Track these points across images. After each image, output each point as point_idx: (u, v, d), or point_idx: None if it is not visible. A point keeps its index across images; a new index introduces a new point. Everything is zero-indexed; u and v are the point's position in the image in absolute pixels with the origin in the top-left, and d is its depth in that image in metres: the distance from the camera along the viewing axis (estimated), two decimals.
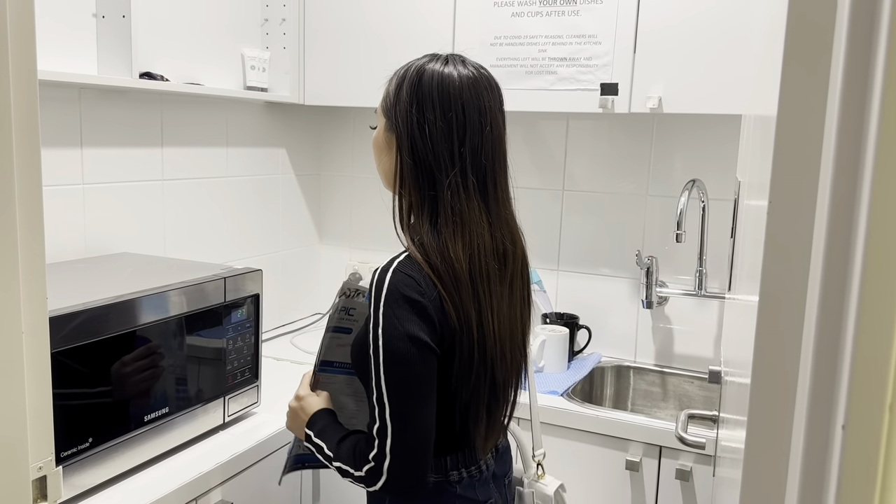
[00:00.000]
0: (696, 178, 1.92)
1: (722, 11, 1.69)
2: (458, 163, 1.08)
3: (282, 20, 2.12)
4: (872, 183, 0.45)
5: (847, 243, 0.47)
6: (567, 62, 1.85)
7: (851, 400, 0.46)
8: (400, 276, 1.04)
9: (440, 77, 1.09)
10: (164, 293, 1.34)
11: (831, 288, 0.48)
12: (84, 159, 1.62)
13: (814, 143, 0.53)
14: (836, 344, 0.48)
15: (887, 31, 0.43)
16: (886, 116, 0.44)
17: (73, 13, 1.56)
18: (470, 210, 1.08)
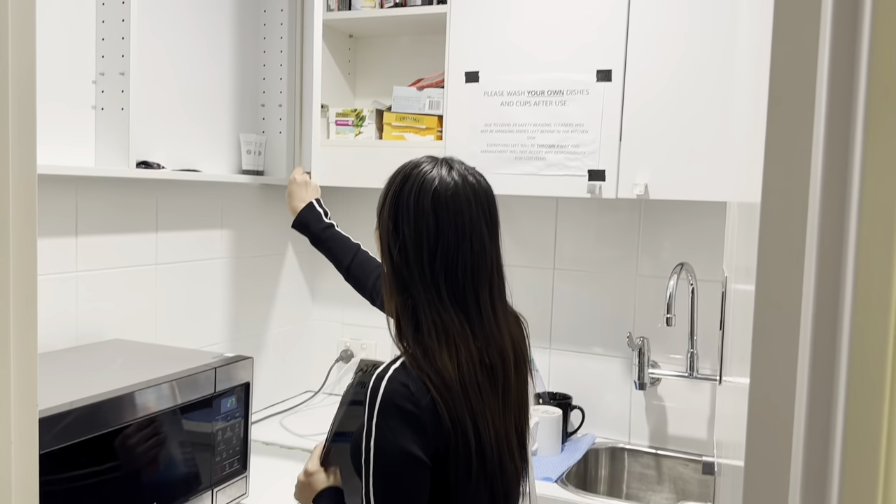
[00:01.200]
0: (685, 260, 1.94)
1: (705, 101, 1.74)
2: (429, 276, 1.07)
3: (278, 105, 2.17)
4: (855, 268, 0.46)
5: (833, 327, 0.48)
6: (556, 149, 1.89)
7: (844, 486, 0.47)
8: (395, 384, 1.03)
9: (419, 188, 1.09)
10: (153, 387, 1.34)
11: (819, 372, 0.48)
12: (79, 247, 1.64)
13: (798, 228, 0.54)
14: (827, 428, 0.48)
15: (863, 123, 0.45)
16: (866, 205, 0.45)
17: (72, 105, 1.61)
18: (449, 321, 1.07)
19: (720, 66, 1.72)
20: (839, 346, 0.49)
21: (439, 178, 1.10)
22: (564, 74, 1.86)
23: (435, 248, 1.07)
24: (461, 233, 1.08)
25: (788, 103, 0.55)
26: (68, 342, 1.63)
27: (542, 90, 1.89)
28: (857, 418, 0.48)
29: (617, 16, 1.80)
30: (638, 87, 1.80)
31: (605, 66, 1.82)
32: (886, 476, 0.47)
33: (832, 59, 0.48)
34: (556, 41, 1.87)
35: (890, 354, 0.48)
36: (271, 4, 2.15)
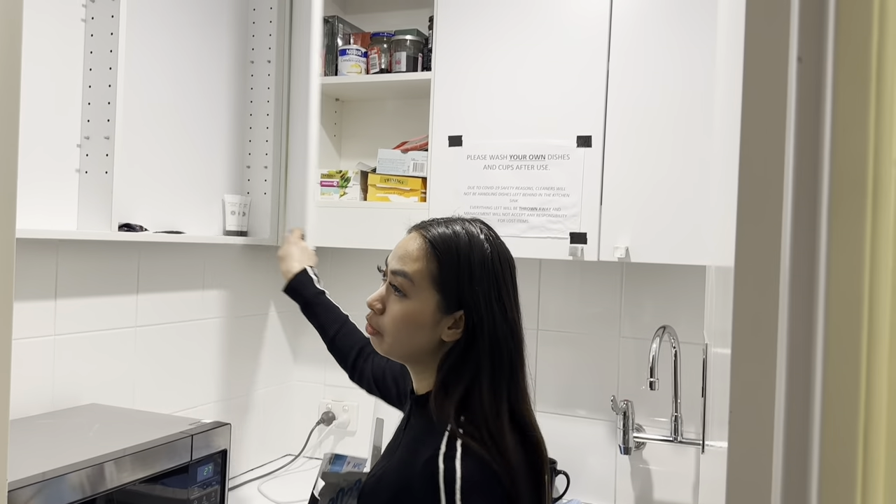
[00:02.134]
0: (667, 323, 1.95)
1: (684, 166, 1.77)
2: (512, 350, 1.04)
3: (264, 167, 2.19)
4: (825, 331, 0.47)
5: (807, 389, 0.48)
6: (538, 212, 1.91)
7: None
8: (470, 464, 0.94)
9: (502, 250, 1.07)
10: (128, 456, 1.31)
11: (794, 438, 0.49)
12: (57, 310, 1.62)
13: (771, 291, 0.55)
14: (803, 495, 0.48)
15: (828, 189, 0.46)
16: (834, 269, 0.46)
17: (56, 169, 1.61)
18: (505, 404, 1.03)
19: (698, 131, 1.76)
20: (812, 411, 0.49)
21: (501, 245, 1.10)
22: (546, 139, 1.90)
23: (516, 321, 1.05)
24: (518, 307, 1.07)
25: (759, 173, 0.56)
26: (43, 407, 1.60)
27: (524, 154, 1.92)
28: (832, 483, 0.48)
29: (596, 83, 1.85)
30: (618, 152, 1.84)
31: (585, 132, 1.86)
32: None
33: (797, 138, 0.50)
34: (537, 107, 1.92)
35: (862, 419, 0.48)
36: (258, 68, 2.18)
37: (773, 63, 0.52)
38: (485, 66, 1.97)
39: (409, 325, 1.04)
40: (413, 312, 1.04)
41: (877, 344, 0.46)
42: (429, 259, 1.03)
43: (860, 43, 0.47)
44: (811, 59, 0.49)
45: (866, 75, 0.47)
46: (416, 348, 1.06)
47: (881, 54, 0.46)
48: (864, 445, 0.48)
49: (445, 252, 1.03)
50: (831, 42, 0.48)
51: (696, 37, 1.76)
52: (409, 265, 1.04)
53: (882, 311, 0.46)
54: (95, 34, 1.64)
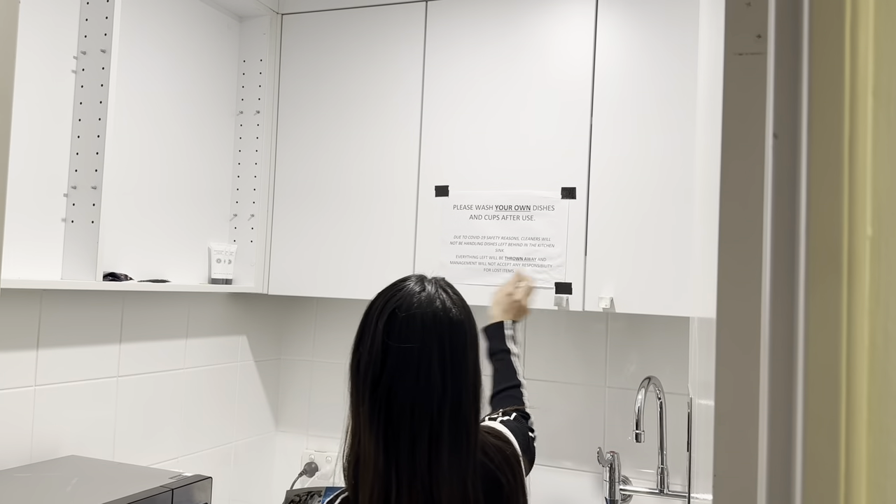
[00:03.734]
0: (652, 374, 1.95)
1: (668, 217, 1.80)
2: (368, 405, 1.01)
3: (251, 216, 2.20)
4: (805, 398, 0.48)
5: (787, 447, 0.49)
6: (523, 261, 1.93)
7: None
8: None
9: (382, 307, 1.06)
10: None
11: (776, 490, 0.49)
12: (39, 360, 1.60)
13: (752, 343, 0.56)
14: None
15: (805, 262, 0.48)
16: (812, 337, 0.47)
17: (42, 218, 1.61)
18: (377, 459, 1.01)
19: (682, 183, 1.79)
20: (794, 471, 0.50)
21: (405, 297, 1.05)
22: (531, 191, 1.93)
23: (379, 376, 1.01)
24: (408, 363, 1.01)
25: (738, 246, 0.58)
26: (21, 459, 1.56)
27: (509, 205, 1.95)
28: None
29: (580, 137, 1.89)
30: (602, 204, 1.86)
31: (569, 184, 1.89)
32: None
33: (774, 214, 0.51)
34: (522, 159, 1.95)
35: (842, 480, 0.49)
36: (247, 118, 2.21)
37: (750, 138, 0.54)
38: (473, 118, 2.00)
39: None
40: None
41: (855, 409, 0.47)
42: None
43: (832, 120, 0.49)
44: (786, 135, 0.51)
45: (839, 152, 0.49)
46: None
47: (853, 132, 0.48)
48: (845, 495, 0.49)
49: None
50: (805, 119, 0.50)
51: (678, 94, 1.80)
52: None
53: (860, 377, 0.48)
54: (85, 85, 1.66)
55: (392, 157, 2.09)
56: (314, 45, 2.21)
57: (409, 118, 2.08)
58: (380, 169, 2.11)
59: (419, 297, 1.05)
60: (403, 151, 2.08)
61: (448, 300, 1.07)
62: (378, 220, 2.10)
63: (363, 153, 2.13)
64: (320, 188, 2.17)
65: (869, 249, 0.44)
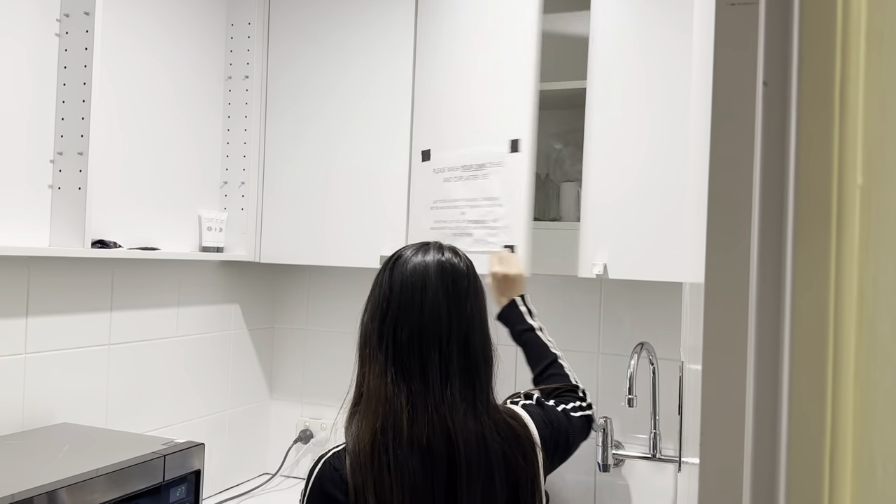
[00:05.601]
0: (645, 340, 1.95)
1: (664, 183, 1.78)
2: (376, 337, 1.11)
3: (241, 183, 2.18)
4: (791, 350, 0.48)
5: (774, 406, 0.49)
6: (479, 224, 1.83)
7: None
8: (326, 469, 1.04)
9: (389, 266, 1.16)
10: (99, 477, 1.28)
11: (762, 455, 0.49)
12: (28, 328, 1.59)
13: (740, 307, 0.56)
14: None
15: (793, 212, 0.47)
16: (800, 289, 0.47)
17: (28, 185, 1.59)
18: (383, 386, 1.06)
19: (678, 146, 1.77)
20: (780, 428, 0.50)
21: (409, 252, 1.17)
22: (485, 147, 1.83)
23: (387, 309, 1.10)
24: (412, 295, 1.10)
25: (727, 194, 0.57)
26: (13, 427, 1.56)
27: (470, 164, 1.86)
28: (799, 497, 0.49)
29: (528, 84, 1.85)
30: (597, 167, 1.84)
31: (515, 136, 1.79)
32: None
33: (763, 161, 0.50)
34: (483, 112, 1.85)
35: (828, 434, 0.49)
36: (236, 83, 2.18)
37: (740, 87, 0.53)
38: (452, 72, 1.94)
39: None
40: None
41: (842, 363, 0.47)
42: None
43: (824, 67, 0.48)
44: (776, 84, 0.49)
45: (830, 100, 0.47)
46: None
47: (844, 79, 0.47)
48: (830, 459, 0.49)
49: None
50: (795, 67, 0.48)
51: (675, 41, 1.77)
52: None
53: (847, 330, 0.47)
54: (70, 49, 1.63)
55: (383, 120, 2.06)
56: (303, 6, 2.17)
57: (401, 80, 2.05)
58: (371, 133, 2.08)
59: (422, 250, 1.16)
60: (394, 115, 2.05)
61: (449, 252, 1.17)
62: (370, 187, 2.08)
63: (355, 118, 2.10)
64: (312, 154, 2.15)
65: (859, 198, 0.43)
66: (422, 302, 1.10)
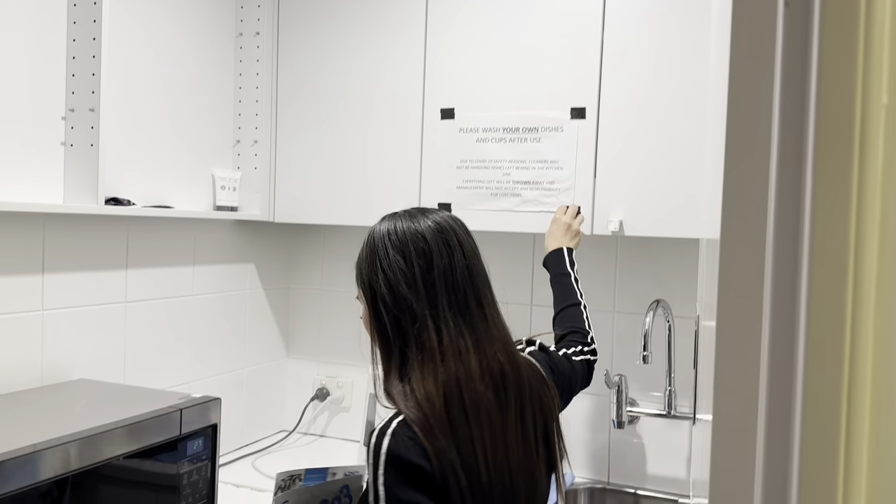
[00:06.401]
0: (661, 297, 1.93)
1: (679, 140, 1.75)
2: (424, 292, 1.05)
3: (254, 141, 2.16)
4: (808, 306, 0.46)
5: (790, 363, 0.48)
6: (531, 185, 1.89)
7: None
8: (399, 439, 0.96)
9: (394, 228, 1.11)
10: (116, 429, 1.30)
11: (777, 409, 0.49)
12: (45, 285, 1.60)
13: (755, 265, 0.54)
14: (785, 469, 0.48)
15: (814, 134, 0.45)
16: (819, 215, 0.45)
17: (41, 142, 1.59)
18: (442, 339, 1.03)
19: (695, 101, 1.73)
20: (795, 378, 0.49)
21: (405, 216, 1.14)
22: (539, 112, 1.87)
23: (429, 263, 1.06)
24: (450, 241, 1.10)
25: (745, 141, 0.55)
26: (33, 382, 1.58)
27: (516, 127, 1.90)
28: (813, 456, 0.48)
29: (590, 53, 1.82)
30: (612, 124, 1.81)
31: (579, 104, 1.83)
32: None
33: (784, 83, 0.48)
34: (530, 79, 1.89)
35: (845, 383, 0.47)
36: (247, 40, 2.15)
37: (761, 9, 0.50)
38: (478, 35, 1.94)
39: (366, 326, 1.15)
40: (364, 315, 1.15)
41: (862, 290, 0.45)
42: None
43: None
44: (798, 3, 0.47)
45: (854, 19, 0.45)
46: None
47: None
48: (847, 411, 0.48)
49: (359, 254, 1.14)
50: None
51: (696, 7, 1.73)
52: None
53: (869, 255, 0.45)
54: (79, 4, 1.61)
55: (396, 78, 2.04)
56: None
57: (412, 36, 2.01)
58: (384, 91, 2.05)
59: (414, 216, 1.14)
60: (407, 72, 2.02)
61: (434, 212, 1.16)
62: (383, 145, 2.06)
63: (367, 75, 2.08)
64: (324, 113, 2.13)
65: (884, 118, 0.41)
66: (461, 247, 1.11)
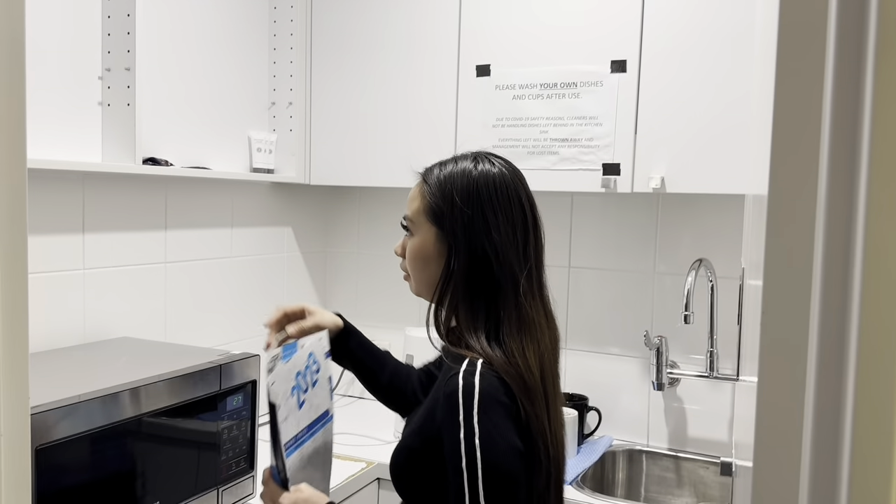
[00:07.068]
0: (704, 256, 1.88)
1: (724, 92, 1.69)
2: (523, 265, 1.05)
3: (289, 103, 2.15)
4: (864, 260, 0.44)
5: (842, 325, 0.46)
6: (569, 143, 1.85)
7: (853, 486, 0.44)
8: (490, 379, 0.96)
9: (491, 177, 1.06)
10: (156, 384, 1.31)
11: (827, 370, 0.46)
12: (86, 244, 1.62)
13: (805, 221, 0.52)
14: (836, 427, 0.46)
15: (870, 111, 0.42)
16: (873, 197, 0.42)
17: (79, 101, 1.60)
18: (535, 313, 1.04)
19: (740, 53, 1.67)
20: (847, 343, 0.46)
21: (496, 167, 1.08)
22: (577, 66, 1.82)
23: (527, 236, 1.06)
24: (534, 211, 1.10)
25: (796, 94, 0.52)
26: (76, 340, 1.61)
27: (554, 83, 1.85)
28: (866, 418, 0.45)
29: (631, 2, 1.76)
30: (654, 78, 1.76)
31: (619, 57, 1.78)
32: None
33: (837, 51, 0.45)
34: (568, 32, 1.84)
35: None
36: (281, 2, 2.13)
37: None
38: None
39: (418, 259, 1.10)
40: (417, 246, 1.10)
41: None
42: (423, 197, 1.10)
43: None
44: None
45: None
46: (432, 282, 1.09)
47: None
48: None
49: (435, 186, 1.08)
50: None
51: None
52: (410, 206, 1.12)
53: None
54: None
55: (431, 35, 2.00)
56: None
57: None
58: (419, 50, 2.02)
59: (496, 166, 1.09)
60: (443, 28, 1.98)
61: (500, 158, 1.12)
62: (418, 105, 2.03)
63: (401, 35, 2.04)
64: (358, 74, 2.10)
65: None
66: (536, 214, 1.10)
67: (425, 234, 1.09)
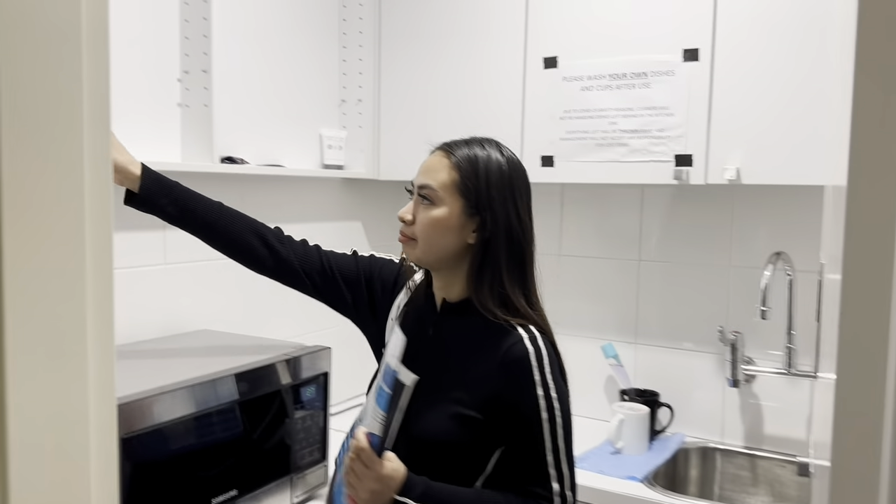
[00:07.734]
0: (782, 249, 1.82)
1: (801, 80, 1.63)
2: (534, 245, 1.21)
3: (358, 100, 2.19)
4: None
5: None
6: (639, 134, 1.82)
7: None
8: (546, 342, 1.15)
9: (514, 163, 1.20)
10: (233, 375, 1.36)
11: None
12: (167, 240, 1.69)
13: (887, 213, 0.50)
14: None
15: None
16: None
17: (158, 104, 1.66)
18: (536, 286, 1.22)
19: (816, 39, 1.60)
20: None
21: (517, 159, 1.24)
22: (648, 55, 1.79)
23: (531, 222, 1.22)
24: (529, 212, 1.24)
25: (876, 82, 0.50)
26: (157, 332, 1.69)
27: (623, 73, 1.82)
28: None
29: None
30: (728, 66, 1.71)
31: (691, 45, 1.74)
32: None
33: None
34: (638, 21, 1.80)
35: None
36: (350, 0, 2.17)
37: None
38: None
39: (438, 228, 1.18)
40: (441, 217, 1.17)
41: None
42: (451, 170, 1.18)
43: None
44: None
45: None
46: (444, 251, 1.19)
47: None
48: None
49: (465, 162, 1.17)
50: None
51: None
52: (434, 177, 1.19)
53: None
54: None
55: (498, 29, 2.00)
56: None
57: None
58: (485, 42, 2.02)
59: (511, 153, 1.25)
60: (510, 20, 1.97)
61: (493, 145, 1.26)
62: (484, 98, 2.03)
63: (467, 28, 2.05)
64: (424, 68, 2.12)
65: None
66: (530, 209, 1.26)
67: (451, 206, 1.17)
